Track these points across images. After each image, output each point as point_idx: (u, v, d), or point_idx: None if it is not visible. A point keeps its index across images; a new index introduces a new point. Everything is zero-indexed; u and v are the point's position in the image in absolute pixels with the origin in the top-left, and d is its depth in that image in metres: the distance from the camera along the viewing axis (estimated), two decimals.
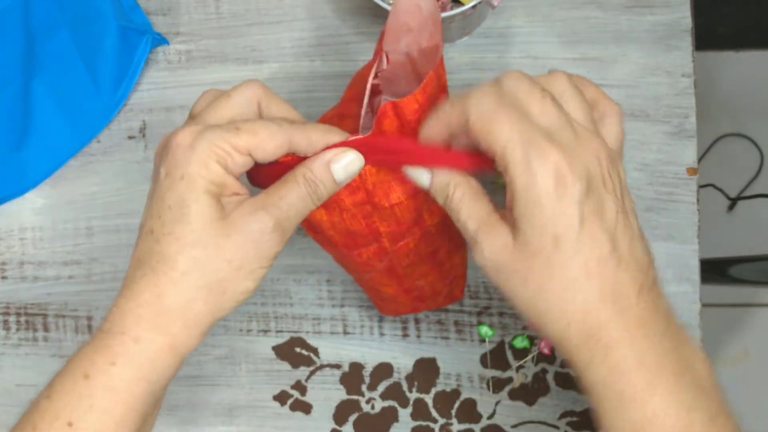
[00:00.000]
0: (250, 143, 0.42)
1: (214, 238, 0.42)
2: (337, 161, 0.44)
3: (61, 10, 0.66)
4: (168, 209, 0.42)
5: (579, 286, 0.40)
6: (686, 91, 0.64)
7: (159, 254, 0.42)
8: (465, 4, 0.59)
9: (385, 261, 0.53)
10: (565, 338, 0.41)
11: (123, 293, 0.43)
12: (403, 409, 0.64)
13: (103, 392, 0.42)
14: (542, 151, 0.39)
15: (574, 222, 0.39)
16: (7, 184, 0.67)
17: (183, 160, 0.41)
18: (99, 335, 0.43)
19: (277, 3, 0.67)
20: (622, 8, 0.65)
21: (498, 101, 0.41)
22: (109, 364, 0.42)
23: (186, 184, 0.41)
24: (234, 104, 0.44)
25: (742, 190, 1.45)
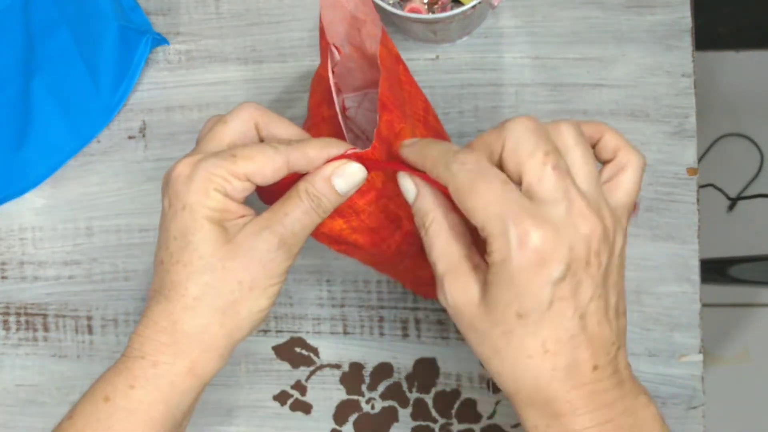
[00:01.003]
0: (247, 169, 0.43)
1: (222, 261, 0.43)
2: (339, 174, 0.44)
3: (61, 10, 0.66)
4: (174, 239, 0.43)
5: (532, 363, 0.40)
6: (686, 91, 0.64)
7: (170, 282, 0.43)
8: (465, 4, 0.59)
9: (415, 243, 0.53)
10: (515, 402, 0.42)
11: (142, 321, 0.45)
12: (403, 409, 0.64)
13: (123, 414, 0.43)
14: (525, 231, 0.38)
15: (542, 303, 0.39)
16: (6, 183, 0.67)
17: (183, 191, 0.43)
18: (120, 360, 0.45)
19: (277, 3, 0.67)
20: (622, 8, 0.65)
21: (478, 170, 0.39)
22: (129, 387, 0.43)
23: (188, 214, 0.43)
24: (231, 130, 0.45)
25: (742, 190, 1.45)
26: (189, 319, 0.43)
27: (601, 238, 0.39)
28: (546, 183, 0.39)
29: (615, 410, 0.41)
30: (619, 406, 0.42)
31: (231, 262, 0.43)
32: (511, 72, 0.65)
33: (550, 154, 0.39)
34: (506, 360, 0.41)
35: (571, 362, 0.40)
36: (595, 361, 0.41)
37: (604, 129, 0.44)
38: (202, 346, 0.44)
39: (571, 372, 0.40)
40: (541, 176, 0.39)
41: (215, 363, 0.45)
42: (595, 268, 0.39)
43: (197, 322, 0.44)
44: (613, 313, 0.42)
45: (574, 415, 0.41)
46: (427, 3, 0.62)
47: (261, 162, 0.43)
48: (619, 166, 0.43)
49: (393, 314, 0.65)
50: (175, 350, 0.44)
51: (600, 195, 0.41)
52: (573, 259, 0.38)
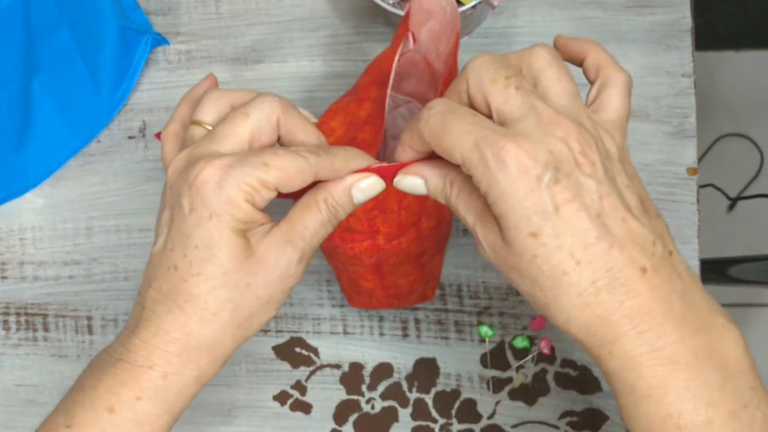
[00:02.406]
0: (278, 179, 0.41)
1: (245, 277, 0.41)
2: (359, 186, 0.43)
3: (61, 10, 0.66)
4: (195, 248, 0.41)
5: (570, 279, 0.38)
6: (686, 91, 0.64)
7: (187, 294, 0.41)
8: (465, 4, 0.59)
9: (375, 257, 0.54)
10: (570, 333, 0.40)
11: (146, 326, 0.42)
12: (403, 409, 0.64)
13: (129, 426, 0.42)
14: (498, 148, 0.37)
15: (547, 212, 0.37)
16: (7, 184, 0.67)
17: (212, 199, 0.40)
18: (123, 366, 0.42)
19: (277, 3, 0.67)
20: (622, 8, 0.65)
21: (444, 110, 0.39)
22: (136, 399, 0.42)
23: (215, 224, 0.40)
24: (252, 124, 0.42)
25: (742, 190, 1.45)
26: (204, 333, 0.42)
27: (581, 137, 0.38)
28: (511, 103, 0.39)
29: (687, 327, 0.38)
30: (691, 323, 0.38)
31: (253, 278, 0.42)
32: None
33: (511, 77, 0.39)
34: (545, 287, 0.39)
35: (611, 267, 0.37)
36: (639, 263, 0.38)
37: (589, 47, 0.43)
38: (212, 356, 0.43)
39: (616, 279, 0.38)
40: (505, 98, 0.39)
41: (218, 369, 0.44)
42: (588, 167, 0.38)
43: (212, 336, 0.42)
44: (639, 211, 0.39)
45: (636, 334, 0.38)
46: None
47: (292, 173, 0.41)
48: (602, 84, 0.43)
49: (393, 314, 0.65)
50: (184, 361, 0.42)
51: (578, 108, 0.40)
52: (558, 161, 0.37)
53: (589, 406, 0.63)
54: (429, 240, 0.55)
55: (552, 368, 0.63)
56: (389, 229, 0.52)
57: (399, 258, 0.55)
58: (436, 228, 0.55)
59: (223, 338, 0.42)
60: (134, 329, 0.43)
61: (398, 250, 0.54)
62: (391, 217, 0.51)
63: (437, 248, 0.58)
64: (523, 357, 0.64)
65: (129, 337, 0.43)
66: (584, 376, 0.63)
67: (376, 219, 0.51)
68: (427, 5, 0.51)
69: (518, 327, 0.64)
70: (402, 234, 0.53)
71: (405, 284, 0.58)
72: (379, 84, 0.51)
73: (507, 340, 0.64)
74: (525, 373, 0.64)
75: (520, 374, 0.64)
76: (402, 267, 0.56)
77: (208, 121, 0.45)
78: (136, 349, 0.42)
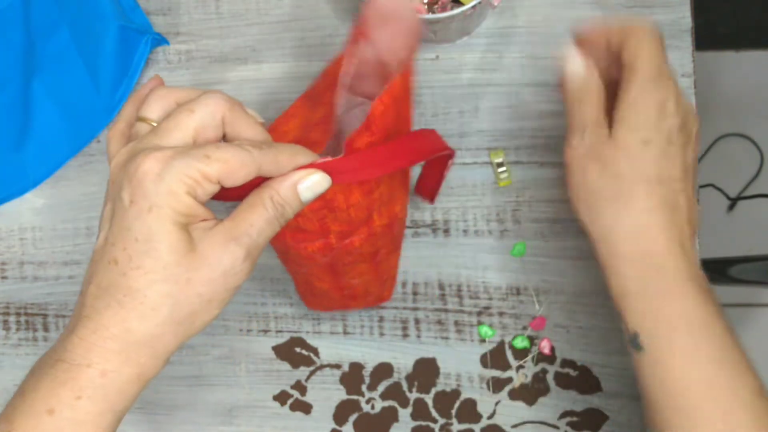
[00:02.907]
0: (220, 172, 0.40)
1: (186, 273, 0.41)
2: (304, 182, 0.43)
3: (61, 10, 0.66)
4: (135, 241, 0.40)
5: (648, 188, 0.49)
6: (686, 91, 0.64)
7: (126, 288, 0.41)
8: (465, 4, 0.59)
9: (329, 257, 0.54)
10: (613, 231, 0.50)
11: (85, 324, 0.41)
12: (403, 409, 0.64)
13: (70, 427, 0.41)
14: (667, 83, 0.49)
15: (663, 139, 0.49)
16: (6, 184, 0.67)
17: (151, 191, 0.40)
18: (60, 366, 0.41)
19: (277, 3, 0.67)
20: (622, 8, 0.65)
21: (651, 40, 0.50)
22: (75, 399, 0.41)
23: (155, 217, 0.40)
24: (196, 120, 0.42)
25: (742, 190, 1.45)
26: (143, 328, 0.41)
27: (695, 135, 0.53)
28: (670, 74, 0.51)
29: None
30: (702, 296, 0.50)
31: (195, 274, 0.41)
32: (512, 72, 0.65)
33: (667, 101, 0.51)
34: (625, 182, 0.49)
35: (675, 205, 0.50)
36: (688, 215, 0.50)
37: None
38: (152, 353, 0.42)
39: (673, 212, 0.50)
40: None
41: (161, 366, 0.43)
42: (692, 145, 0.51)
43: (151, 331, 0.41)
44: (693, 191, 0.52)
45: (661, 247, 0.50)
46: (427, 3, 0.62)
47: (234, 165, 0.41)
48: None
49: (393, 314, 0.65)
50: (124, 357, 0.41)
51: None
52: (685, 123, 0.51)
53: (589, 406, 0.63)
54: (382, 238, 0.55)
55: (552, 368, 0.64)
56: (340, 228, 0.52)
57: (353, 257, 0.55)
58: (388, 226, 0.55)
59: (163, 334, 0.41)
60: (74, 327, 0.42)
61: (351, 249, 0.54)
62: (341, 216, 0.51)
63: (391, 247, 0.58)
64: (523, 357, 0.64)
65: (68, 336, 0.42)
66: (584, 376, 0.63)
67: (326, 218, 0.51)
68: (384, 10, 0.51)
69: (518, 327, 0.64)
70: (354, 232, 0.53)
71: (360, 284, 0.58)
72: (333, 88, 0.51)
73: (507, 340, 0.64)
74: (525, 373, 0.64)
75: (520, 374, 0.64)
76: (356, 266, 0.56)
77: (153, 118, 0.44)
78: (74, 348, 0.41)
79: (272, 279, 0.65)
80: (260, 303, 0.65)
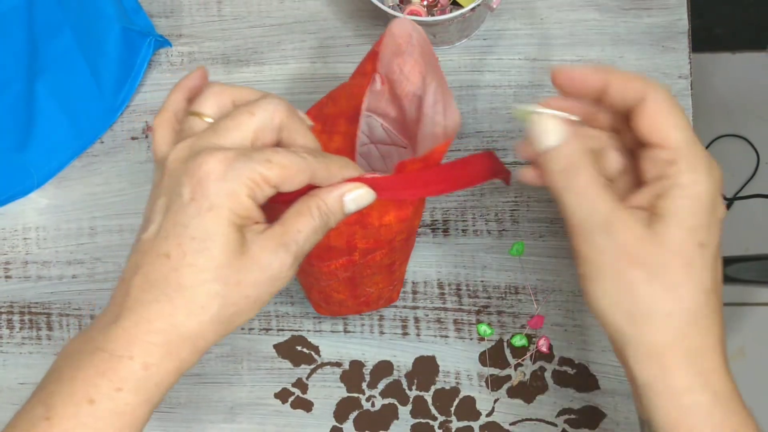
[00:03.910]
0: (279, 176, 0.41)
1: (236, 274, 0.41)
2: (351, 194, 0.44)
3: (65, 12, 0.67)
4: (190, 239, 0.40)
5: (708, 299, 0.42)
6: (683, 92, 0.64)
7: (177, 284, 0.41)
8: (464, 6, 0.60)
9: (350, 272, 0.54)
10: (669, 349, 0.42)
11: (129, 315, 0.41)
12: (402, 406, 0.65)
13: (110, 417, 0.41)
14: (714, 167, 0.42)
15: (715, 240, 0.42)
16: (10, 184, 0.67)
17: (213, 191, 0.40)
18: (101, 356, 0.41)
19: (279, 5, 0.68)
20: (619, 10, 0.65)
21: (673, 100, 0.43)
22: (116, 390, 0.41)
23: (214, 216, 0.40)
24: (257, 123, 0.42)
25: (739, 190, 1.45)
26: (190, 324, 0.41)
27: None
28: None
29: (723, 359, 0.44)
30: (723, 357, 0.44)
31: (245, 276, 0.41)
32: (510, 74, 0.65)
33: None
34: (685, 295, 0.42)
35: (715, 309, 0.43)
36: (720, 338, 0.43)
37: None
38: (193, 348, 0.42)
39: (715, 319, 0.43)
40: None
41: (197, 360, 0.43)
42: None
43: (197, 329, 0.41)
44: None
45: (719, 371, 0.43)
46: (426, 5, 0.62)
47: (292, 171, 0.41)
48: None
49: (393, 313, 0.65)
50: (165, 351, 0.41)
51: None
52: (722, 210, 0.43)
53: (587, 403, 0.63)
54: (400, 252, 0.56)
55: (550, 366, 0.64)
56: (366, 245, 0.52)
57: (372, 270, 0.55)
58: (407, 240, 0.55)
59: (207, 332, 0.42)
60: (116, 317, 0.42)
61: (372, 263, 0.54)
62: (370, 233, 0.51)
63: (406, 256, 0.59)
64: (521, 355, 0.64)
65: (109, 326, 0.42)
66: (582, 374, 0.64)
67: (356, 235, 0.51)
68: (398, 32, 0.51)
69: (517, 325, 0.64)
70: (377, 250, 0.53)
71: (375, 292, 0.59)
72: (348, 118, 0.52)
73: (505, 338, 0.64)
74: (523, 371, 0.64)
75: (519, 372, 0.64)
76: (374, 277, 0.57)
77: (208, 114, 0.44)
78: (117, 339, 0.41)
79: None
80: None
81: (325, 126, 0.54)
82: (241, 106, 0.43)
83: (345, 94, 0.54)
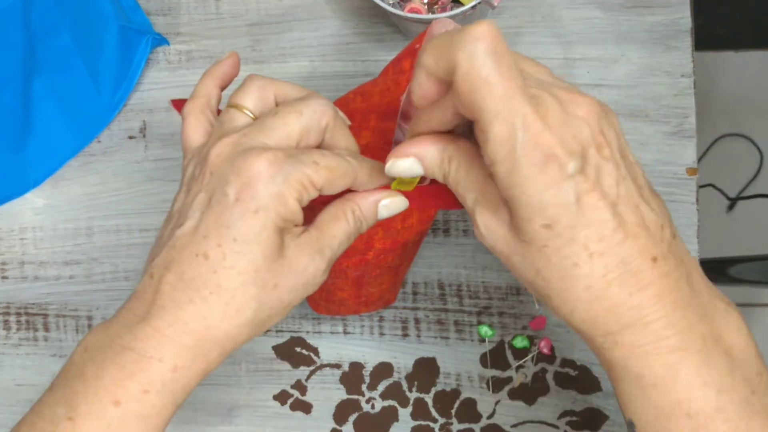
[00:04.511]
0: (325, 179, 0.40)
1: (274, 278, 0.40)
2: (385, 201, 0.43)
3: (62, 11, 0.67)
4: (233, 240, 0.39)
5: (580, 272, 0.36)
6: (686, 91, 0.64)
7: (215, 286, 0.40)
8: (465, 4, 0.59)
9: (360, 270, 0.54)
10: (572, 324, 0.39)
11: (161, 315, 0.40)
12: (403, 408, 0.64)
13: (135, 419, 0.40)
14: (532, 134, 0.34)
15: (568, 203, 0.35)
16: (7, 184, 0.67)
17: (262, 193, 0.39)
18: (129, 356, 0.40)
19: (277, 3, 0.67)
20: (621, 8, 0.65)
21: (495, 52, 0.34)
22: (143, 392, 0.40)
23: (260, 219, 0.39)
24: (303, 123, 0.41)
25: (742, 190, 1.45)
26: (224, 327, 0.40)
27: (599, 117, 0.37)
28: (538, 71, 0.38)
29: (693, 314, 0.37)
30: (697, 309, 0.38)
31: (281, 280, 0.41)
32: None
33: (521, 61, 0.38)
34: (551, 278, 0.37)
35: (623, 259, 0.36)
36: (651, 252, 0.37)
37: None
38: (222, 350, 0.42)
39: (628, 271, 0.36)
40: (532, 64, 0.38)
41: (222, 362, 0.43)
42: (606, 149, 0.36)
43: (230, 332, 0.41)
44: (648, 192, 0.38)
45: (643, 324, 0.37)
46: (427, 3, 0.62)
47: (338, 174, 0.41)
48: None
49: (393, 314, 0.65)
50: (195, 354, 0.40)
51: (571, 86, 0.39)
52: (583, 146, 0.35)
53: (589, 405, 0.63)
54: (410, 253, 0.56)
55: (552, 368, 0.64)
56: (383, 246, 0.52)
57: (381, 270, 0.55)
58: (418, 242, 0.55)
59: (238, 335, 0.41)
60: (146, 315, 0.40)
61: (383, 263, 0.54)
62: (390, 235, 0.51)
63: (412, 257, 0.59)
64: (522, 357, 0.64)
65: (138, 324, 0.40)
66: (584, 375, 0.63)
67: (375, 236, 0.51)
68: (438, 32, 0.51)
69: (518, 327, 0.64)
70: (392, 250, 0.53)
71: (377, 292, 0.59)
72: (380, 114, 0.51)
73: (507, 339, 0.64)
74: (525, 373, 0.64)
75: (520, 374, 0.64)
76: (380, 278, 0.56)
77: (249, 107, 0.43)
78: (147, 339, 0.40)
79: None
80: None
81: (354, 121, 0.53)
82: (287, 104, 0.42)
83: (378, 89, 0.54)
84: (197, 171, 0.42)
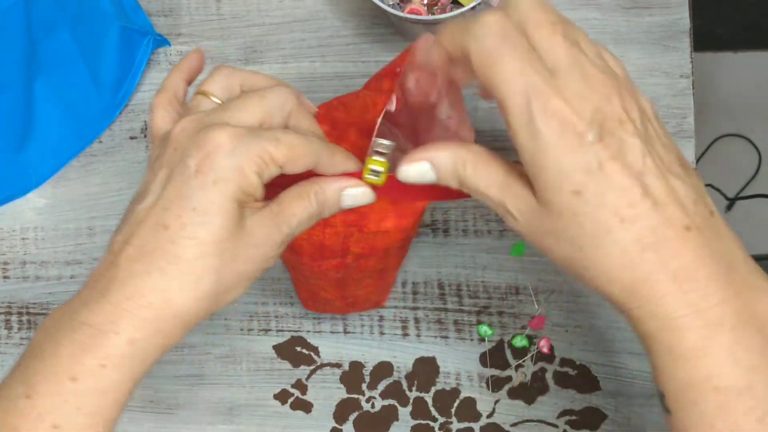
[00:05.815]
0: (287, 157, 0.41)
1: (233, 249, 0.40)
2: (351, 191, 0.43)
3: (63, 11, 0.67)
4: (192, 211, 0.39)
5: (614, 237, 0.37)
6: (685, 91, 0.64)
7: (174, 256, 0.39)
8: (464, 5, 0.60)
9: (341, 273, 0.54)
10: (609, 295, 0.39)
11: (119, 288, 0.39)
12: (403, 407, 0.64)
13: (93, 395, 0.40)
14: (545, 99, 0.37)
15: (592, 168, 0.36)
16: (9, 184, 0.67)
17: (221, 165, 0.39)
18: (85, 330, 0.39)
19: (278, 4, 0.68)
20: (620, 9, 0.65)
21: (503, 35, 0.38)
22: (100, 367, 0.39)
23: (219, 190, 0.39)
24: (267, 106, 0.42)
25: (741, 190, 1.45)
26: (183, 299, 0.40)
27: (623, 94, 0.38)
28: (557, 51, 0.38)
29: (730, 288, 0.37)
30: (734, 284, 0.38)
31: (241, 251, 0.41)
32: None
33: (557, 24, 0.39)
34: (587, 246, 0.38)
35: (655, 225, 0.37)
36: (683, 221, 0.37)
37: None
38: (182, 324, 0.41)
39: (661, 237, 0.37)
40: (551, 45, 0.38)
41: (182, 338, 0.42)
42: (630, 126, 0.37)
43: (190, 304, 0.40)
44: (678, 168, 0.39)
45: (681, 294, 0.37)
46: (426, 4, 0.62)
47: (300, 153, 0.41)
48: None
49: (393, 314, 0.65)
50: (154, 327, 0.40)
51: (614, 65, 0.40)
52: (603, 118, 0.37)
53: (588, 404, 0.63)
54: (394, 258, 0.56)
55: (551, 367, 0.64)
56: (360, 251, 0.52)
57: (363, 274, 0.55)
58: (402, 248, 0.55)
59: (198, 309, 0.41)
60: (104, 291, 0.40)
61: (364, 267, 0.54)
62: (366, 239, 0.51)
63: (398, 262, 0.59)
64: (522, 356, 0.64)
65: (96, 299, 0.40)
66: (583, 375, 0.63)
67: (351, 237, 0.51)
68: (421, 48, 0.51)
69: (517, 326, 0.64)
70: (372, 255, 0.53)
71: (363, 294, 0.59)
72: (359, 129, 0.51)
73: (506, 339, 0.64)
74: (524, 372, 0.64)
75: (519, 373, 0.64)
76: (364, 281, 0.57)
77: (216, 94, 0.44)
78: (104, 313, 0.39)
79: (273, 279, 0.66)
80: (261, 302, 0.66)
81: (334, 130, 0.53)
82: (251, 89, 0.44)
83: (359, 104, 0.54)
84: (161, 151, 0.42)
